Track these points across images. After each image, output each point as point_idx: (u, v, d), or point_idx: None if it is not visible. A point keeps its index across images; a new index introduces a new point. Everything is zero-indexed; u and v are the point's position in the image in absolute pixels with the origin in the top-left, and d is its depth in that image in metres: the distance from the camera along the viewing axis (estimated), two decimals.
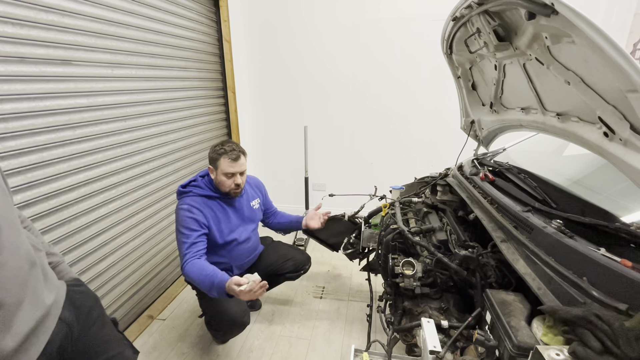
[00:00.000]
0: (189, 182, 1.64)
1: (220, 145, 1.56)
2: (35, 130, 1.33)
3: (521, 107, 1.31)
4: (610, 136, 0.82)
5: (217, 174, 1.57)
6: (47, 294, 0.74)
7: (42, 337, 0.71)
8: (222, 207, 1.66)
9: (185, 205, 1.55)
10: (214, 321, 1.54)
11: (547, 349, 0.65)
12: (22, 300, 0.66)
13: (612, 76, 0.69)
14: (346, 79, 2.92)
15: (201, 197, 1.59)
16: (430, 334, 0.97)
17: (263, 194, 1.93)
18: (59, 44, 1.40)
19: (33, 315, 0.68)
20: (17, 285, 0.66)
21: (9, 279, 0.64)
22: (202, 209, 1.56)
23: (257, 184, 1.92)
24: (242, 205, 1.74)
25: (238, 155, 1.55)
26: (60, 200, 1.45)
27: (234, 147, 1.56)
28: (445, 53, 1.52)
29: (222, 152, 1.54)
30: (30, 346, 0.68)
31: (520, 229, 1.02)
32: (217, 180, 1.59)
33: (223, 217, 1.64)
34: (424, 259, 1.25)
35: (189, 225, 1.52)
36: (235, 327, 1.59)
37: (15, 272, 0.65)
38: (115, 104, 1.70)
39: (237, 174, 1.57)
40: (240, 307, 1.57)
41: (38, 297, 0.71)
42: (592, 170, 1.33)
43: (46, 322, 0.72)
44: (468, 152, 1.78)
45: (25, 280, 0.68)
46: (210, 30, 2.59)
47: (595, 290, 0.73)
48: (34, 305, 0.69)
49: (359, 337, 1.84)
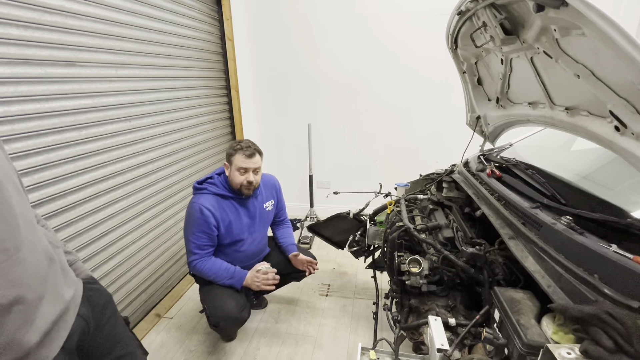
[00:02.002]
0: (205, 178, 1.65)
1: (237, 142, 1.60)
2: (41, 131, 1.34)
3: (528, 102, 1.29)
4: (622, 130, 0.80)
5: (232, 169, 1.58)
6: (66, 290, 0.75)
7: (63, 332, 0.72)
8: (235, 207, 1.66)
9: (197, 205, 1.55)
10: (213, 315, 1.56)
11: (558, 348, 0.64)
12: (42, 295, 0.68)
13: (624, 68, 0.68)
14: (349, 76, 2.90)
15: (215, 195, 1.60)
16: (437, 332, 0.96)
17: (278, 195, 1.90)
18: (63, 45, 1.40)
19: (54, 310, 0.70)
20: (38, 281, 0.67)
21: (29, 275, 0.65)
22: (214, 211, 1.56)
23: (272, 183, 1.88)
24: (256, 208, 1.73)
25: (253, 152, 1.57)
26: (67, 200, 1.46)
27: (250, 144, 1.59)
28: (450, 48, 1.50)
29: (238, 148, 1.56)
30: (52, 340, 0.69)
31: (528, 226, 1.01)
32: (230, 176, 1.60)
33: (235, 218, 1.65)
34: (431, 256, 1.24)
35: (200, 227, 1.55)
36: (232, 321, 1.58)
37: (34, 268, 0.67)
38: (119, 105, 1.70)
39: (250, 170, 1.57)
40: (238, 303, 1.59)
41: (58, 292, 0.72)
42: (601, 165, 1.31)
43: (66, 316, 0.74)
44: (474, 148, 1.76)
45: (45, 276, 0.69)
46: (213, 29, 2.59)
47: (607, 288, 0.71)
48: (54, 301, 0.70)
49: (365, 335, 1.84)
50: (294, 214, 3.26)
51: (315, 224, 2.14)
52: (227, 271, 1.61)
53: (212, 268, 1.59)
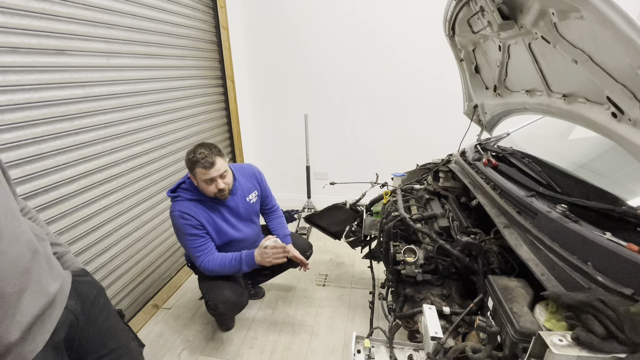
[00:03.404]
0: (177, 185, 1.57)
1: (192, 153, 1.45)
2: (31, 122, 1.32)
3: (526, 90, 1.27)
4: (619, 117, 0.79)
5: (198, 182, 1.49)
6: (51, 283, 0.73)
7: (48, 326, 0.71)
8: (216, 208, 1.59)
9: (176, 212, 1.50)
10: (212, 301, 1.57)
11: (549, 335, 0.64)
12: (24, 289, 0.66)
13: (623, 52, 0.66)
14: (346, 66, 2.86)
15: (190, 201, 1.53)
16: (431, 320, 0.96)
17: (260, 184, 1.81)
18: (51, 33, 1.37)
19: (37, 304, 0.68)
20: (18, 274, 0.65)
21: (9, 267, 0.63)
22: (194, 214, 1.51)
23: (252, 173, 1.78)
24: (237, 203, 1.66)
25: (212, 161, 1.43)
26: (60, 192, 1.45)
27: (205, 153, 1.44)
28: (448, 35, 1.47)
29: (194, 160, 1.43)
30: (36, 336, 0.68)
31: (523, 214, 1.00)
32: (200, 187, 1.51)
33: (219, 218, 1.60)
34: (426, 246, 1.24)
35: (189, 231, 1.51)
36: (231, 305, 1.59)
37: (15, 260, 0.65)
38: (112, 95, 1.68)
39: (216, 178, 1.47)
40: (235, 289, 1.60)
41: (41, 285, 0.70)
42: (598, 154, 1.30)
43: (51, 310, 0.72)
44: (471, 138, 1.75)
45: (27, 269, 0.67)
46: (207, 17, 2.54)
47: (600, 275, 0.71)
48: (37, 294, 0.69)
49: (362, 324, 1.86)
50: (291, 205, 3.26)
51: (313, 214, 2.14)
52: (235, 260, 1.56)
53: (220, 263, 1.54)
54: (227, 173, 1.52)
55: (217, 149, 1.50)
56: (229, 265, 1.56)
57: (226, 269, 1.56)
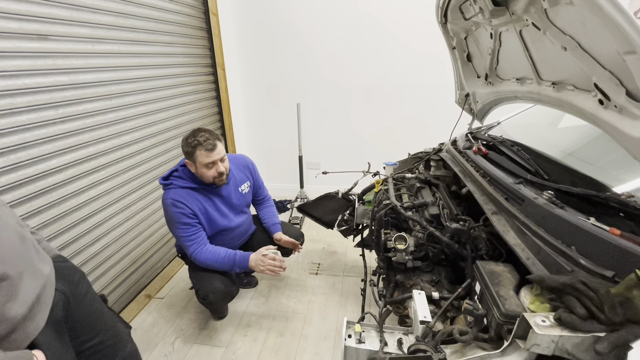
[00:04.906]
0: (170, 172, 1.56)
1: (192, 137, 1.44)
2: (14, 109, 1.28)
3: (516, 78, 1.28)
4: (606, 103, 0.80)
5: (197, 167, 1.48)
6: (42, 266, 0.77)
7: (47, 304, 0.75)
8: (208, 197, 1.59)
9: (169, 199, 1.49)
10: (202, 291, 1.58)
11: (533, 316, 0.66)
12: (22, 271, 0.69)
13: (611, 38, 0.66)
14: (339, 54, 2.83)
15: (183, 188, 1.52)
16: (421, 305, 0.98)
17: (253, 175, 1.82)
18: (33, 17, 1.32)
19: (36, 284, 0.72)
20: (16, 258, 0.69)
21: (6, 252, 0.67)
22: (187, 202, 1.50)
23: (244, 164, 1.79)
24: (230, 193, 1.66)
25: (214, 144, 1.45)
26: (47, 182, 1.42)
27: (207, 136, 1.45)
28: (440, 22, 1.46)
29: (196, 144, 1.43)
30: (37, 313, 0.71)
31: (511, 201, 1.02)
32: (198, 173, 1.50)
33: (211, 207, 1.59)
34: (416, 233, 1.25)
35: (181, 219, 1.50)
36: (221, 294, 1.60)
37: (10, 245, 0.68)
38: (98, 82, 1.63)
39: (217, 161, 1.48)
40: (225, 279, 1.61)
41: (35, 267, 0.74)
42: (586, 142, 1.32)
43: (47, 290, 0.76)
44: (462, 127, 1.76)
45: (20, 253, 0.71)
46: (196, 3, 2.47)
47: (582, 259, 0.73)
48: (33, 276, 0.72)
49: (354, 311, 1.89)
50: (284, 195, 3.26)
51: (305, 204, 2.14)
52: (228, 259, 1.55)
53: (212, 258, 1.54)
54: (225, 157, 1.54)
55: (216, 133, 1.52)
56: (221, 262, 1.55)
57: (217, 265, 1.55)
